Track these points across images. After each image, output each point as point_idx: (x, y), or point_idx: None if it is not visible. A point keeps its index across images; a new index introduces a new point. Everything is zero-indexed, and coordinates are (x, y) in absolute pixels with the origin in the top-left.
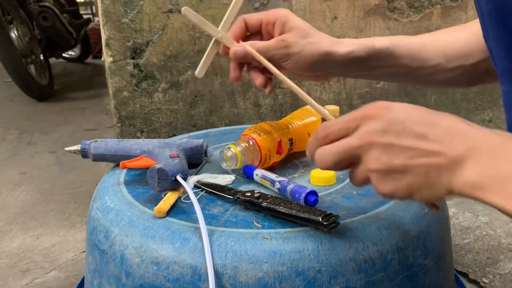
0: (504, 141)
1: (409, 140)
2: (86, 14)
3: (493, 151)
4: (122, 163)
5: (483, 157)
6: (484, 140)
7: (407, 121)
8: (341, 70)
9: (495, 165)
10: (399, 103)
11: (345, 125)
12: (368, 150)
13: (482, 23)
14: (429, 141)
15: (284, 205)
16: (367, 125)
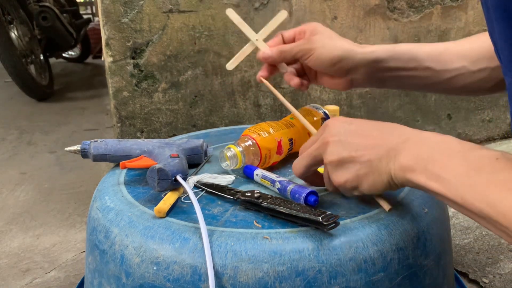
0: (432, 136)
1: (355, 138)
2: (86, 14)
3: (422, 142)
4: (122, 163)
5: (414, 145)
6: (416, 134)
7: (355, 123)
8: (363, 71)
9: (421, 151)
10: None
11: (314, 138)
12: (325, 148)
13: (487, 17)
14: (370, 137)
15: (284, 205)
16: (324, 133)
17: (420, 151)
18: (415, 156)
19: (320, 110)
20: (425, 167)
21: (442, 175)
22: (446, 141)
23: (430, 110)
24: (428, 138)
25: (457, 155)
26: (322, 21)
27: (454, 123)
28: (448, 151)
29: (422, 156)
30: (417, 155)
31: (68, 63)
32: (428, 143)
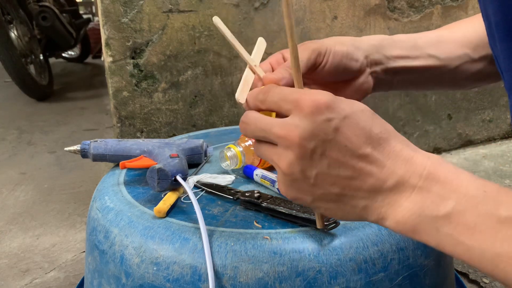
0: (437, 170)
1: (335, 153)
2: (86, 14)
3: (424, 185)
4: (122, 163)
5: (414, 194)
6: (410, 173)
7: (343, 129)
8: (374, 58)
9: (427, 204)
10: (349, 102)
11: (279, 102)
12: (284, 146)
13: (488, 32)
14: (358, 160)
15: (284, 205)
16: (294, 118)
17: (424, 202)
18: (417, 211)
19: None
20: (433, 226)
21: (465, 241)
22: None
23: (430, 110)
24: (432, 179)
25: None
26: (322, 21)
27: (454, 123)
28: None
29: (427, 213)
30: (420, 210)
31: (68, 63)
32: (433, 189)
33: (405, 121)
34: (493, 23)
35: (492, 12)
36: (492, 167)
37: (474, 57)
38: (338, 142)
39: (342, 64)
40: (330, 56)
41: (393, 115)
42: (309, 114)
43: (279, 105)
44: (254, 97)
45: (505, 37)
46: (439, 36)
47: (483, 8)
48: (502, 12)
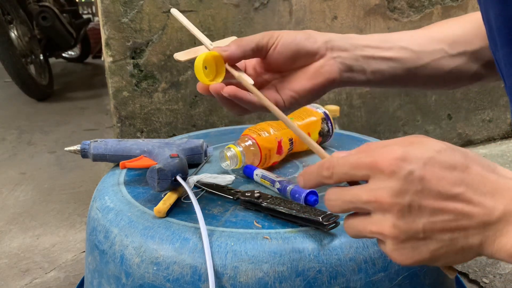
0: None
1: (430, 200)
2: (86, 14)
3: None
4: (122, 163)
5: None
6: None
7: (428, 175)
8: (339, 44)
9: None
10: (418, 141)
11: (351, 171)
12: (379, 210)
13: (490, 36)
14: (455, 201)
15: (284, 205)
16: (377, 181)
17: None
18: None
19: (320, 110)
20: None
21: None
22: None
23: (430, 110)
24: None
25: None
26: (322, 21)
27: (454, 123)
28: None
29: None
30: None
31: (68, 63)
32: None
33: (405, 121)
34: (495, 28)
35: (493, 17)
36: None
37: (451, 53)
38: (429, 189)
39: (294, 44)
40: (282, 38)
41: (393, 115)
42: (390, 174)
43: (352, 174)
44: (317, 175)
45: (506, 42)
46: (413, 32)
47: (484, 12)
48: (503, 17)
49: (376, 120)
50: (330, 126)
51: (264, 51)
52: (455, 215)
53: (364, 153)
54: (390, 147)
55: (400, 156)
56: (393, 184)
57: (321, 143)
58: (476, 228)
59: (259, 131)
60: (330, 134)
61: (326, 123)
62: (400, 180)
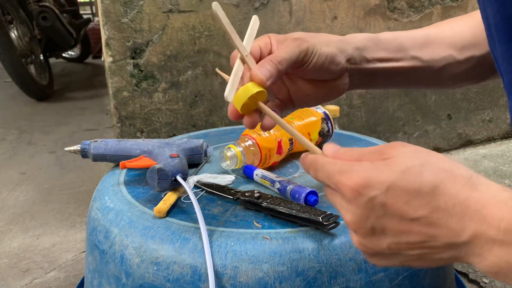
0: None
1: (394, 223)
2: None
3: (506, 238)
4: (122, 163)
5: (496, 247)
6: (485, 226)
7: (390, 201)
8: (356, 61)
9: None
10: (389, 158)
11: (327, 180)
12: (350, 230)
13: (488, 34)
14: (418, 224)
15: (284, 205)
16: (344, 201)
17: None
18: (503, 260)
19: (320, 110)
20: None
21: None
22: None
23: (430, 110)
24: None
25: None
26: (322, 21)
27: (454, 123)
28: None
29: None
30: (506, 258)
31: (68, 63)
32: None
33: (405, 121)
34: (493, 25)
35: (491, 14)
36: (492, 167)
37: (459, 59)
38: (391, 214)
39: (324, 66)
40: (315, 57)
41: (393, 115)
42: (352, 200)
43: (328, 183)
44: (307, 170)
45: (504, 39)
46: (427, 35)
47: (483, 9)
48: (501, 14)
49: (376, 120)
50: (330, 126)
51: (298, 66)
52: (419, 237)
53: (339, 164)
54: (357, 168)
55: (361, 183)
56: (355, 210)
57: (321, 143)
58: (444, 247)
59: (259, 131)
60: (330, 134)
61: (326, 123)
62: (360, 207)
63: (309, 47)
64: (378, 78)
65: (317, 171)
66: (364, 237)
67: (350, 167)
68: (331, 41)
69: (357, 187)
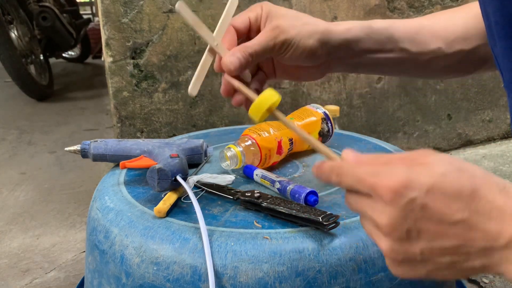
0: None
1: (431, 226)
2: (86, 14)
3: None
4: (122, 163)
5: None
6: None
7: (430, 203)
8: (340, 53)
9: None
10: (424, 161)
11: (356, 185)
12: (382, 233)
13: (488, 31)
14: (456, 227)
15: (284, 205)
16: (378, 204)
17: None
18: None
19: (320, 110)
20: None
21: None
22: None
23: (430, 110)
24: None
25: None
26: None
27: (454, 123)
28: None
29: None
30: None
31: (68, 63)
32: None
33: (405, 121)
34: (493, 23)
35: (492, 12)
36: (492, 167)
37: (448, 52)
38: (430, 216)
39: (301, 58)
40: (292, 50)
41: (393, 115)
42: (390, 201)
43: (357, 188)
44: (327, 177)
45: (504, 36)
46: (419, 26)
47: (483, 7)
48: (501, 12)
49: (376, 120)
50: (330, 126)
51: (273, 54)
52: (456, 241)
53: (370, 167)
54: (393, 168)
55: (402, 184)
56: (392, 212)
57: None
58: (478, 253)
59: (259, 131)
60: (330, 134)
61: (326, 123)
62: (399, 209)
63: (286, 39)
64: (363, 67)
65: (343, 176)
66: (397, 241)
67: (386, 169)
68: (315, 31)
69: (397, 188)
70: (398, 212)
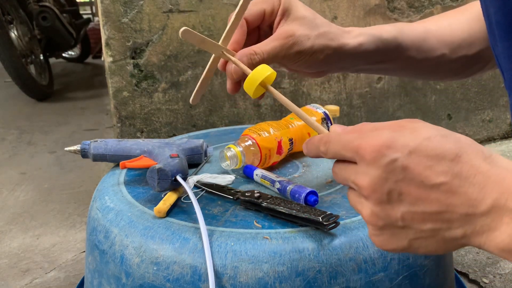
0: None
1: (412, 189)
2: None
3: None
4: (122, 163)
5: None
6: (506, 195)
7: (412, 164)
8: (347, 64)
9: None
10: (410, 126)
11: (341, 151)
12: (363, 196)
13: (489, 31)
14: (438, 191)
15: (284, 205)
16: (361, 167)
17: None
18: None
19: (320, 110)
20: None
21: None
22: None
23: (430, 110)
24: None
25: None
26: None
27: (454, 123)
28: None
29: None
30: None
31: (68, 63)
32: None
33: None
34: (494, 23)
35: (493, 12)
36: None
37: (451, 58)
38: (411, 178)
39: (308, 66)
40: (303, 61)
41: (393, 115)
42: (372, 161)
43: (342, 154)
44: (316, 148)
45: (505, 36)
46: (426, 32)
47: (484, 7)
48: (503, 12)
49: (376, 120)
50: (330, 126)
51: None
52: (437, 206)
53: (355, 134)
54: (378, 131)
55: (385, 143)
56: (373, 172)
57: None
58: (459, 220)
59: (259, 131)
60: None
61: (326, 123)
62: (380, 168)
63: (298, 51)
64: (365, 71)
65: (330, 144)
66: (378, 204)
67: (371, 133)
68: (328, 47)
69: (379, 147)
70: (379, 173)
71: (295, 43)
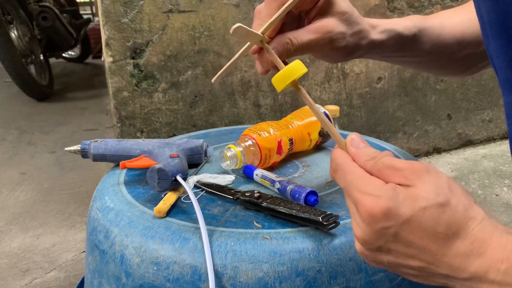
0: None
1: (400, 247)
2: (86, 14)
3: (504, 280)
4: (122, 163)
5: (495, 286)
6: (486, 268)
7: (403, 233)
8: (372, 55)
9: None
10: (411, 189)
11: (344, 188)
12: (356, 239)
13: (482, 30)
14: (425, 254)
15: (284, 205)
16: (358, 217)
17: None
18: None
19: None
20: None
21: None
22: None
23: (430, 110)
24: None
25: None
26: None
27: (454, 123)
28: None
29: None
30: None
31: (68, 63)
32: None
33: (405, 121)
34: (487, 22)
35: (485, 12)
36: (492, 167)
37: (459, 55)
38: (401, 243)
39: (335, 57)
40: (334, 56)
41: (393, 115)
42: (366, 221)
43: (345, 191)
44: (332, 171)
45: (498, 35)
46: (441, 27)
47: (477, 7)
48: (495, 11)
49: (376, 120)
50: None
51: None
52: (421, 263)
53: (360, 181)
54: (376, 196)
55: (381, 211)
56: (366, 230)
57: (321, 143)
58: (441, 277)
59: (259, 131)
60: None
61: None
62: (373, 230)
63: (332, 48)
64: (383, 60)
65: (337, 173)
66: (368, 250)
67: (372, 189)
68: (359, 46)
69: (374, 214)
70: (371, 233)
71: (332, 40)
